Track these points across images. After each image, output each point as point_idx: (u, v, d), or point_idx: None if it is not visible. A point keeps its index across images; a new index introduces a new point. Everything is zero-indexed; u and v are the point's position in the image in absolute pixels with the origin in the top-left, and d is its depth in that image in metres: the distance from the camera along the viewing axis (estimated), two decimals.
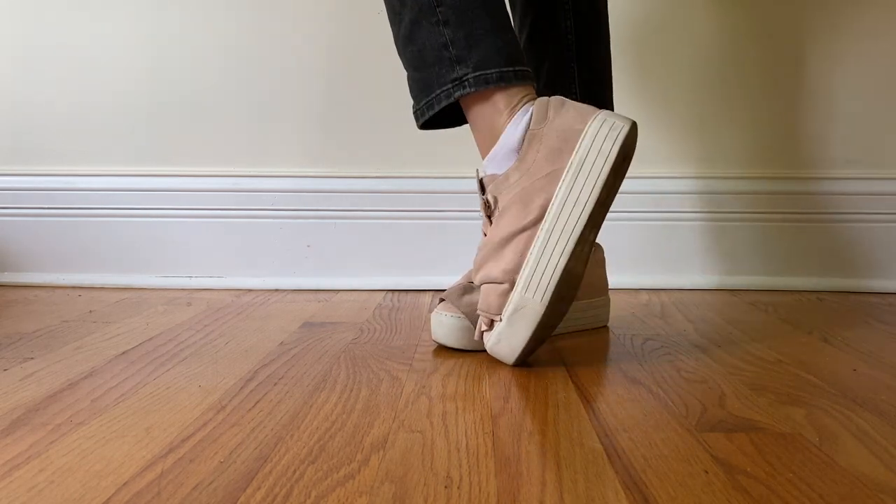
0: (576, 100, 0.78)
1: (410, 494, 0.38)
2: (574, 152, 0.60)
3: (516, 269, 0.60)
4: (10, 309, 0.90)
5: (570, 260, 0.59)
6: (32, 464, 0.42)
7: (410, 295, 1.03)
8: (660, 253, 1.07)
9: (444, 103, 0.65)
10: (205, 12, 1.07)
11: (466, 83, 0.64)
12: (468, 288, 0.71)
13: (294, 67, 1.08)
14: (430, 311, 0.89)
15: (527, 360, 0.64)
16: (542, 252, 0.59)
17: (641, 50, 1.07)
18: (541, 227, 0.60)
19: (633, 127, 0.60)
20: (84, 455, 0.43)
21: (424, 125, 0.69)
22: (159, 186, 1.08)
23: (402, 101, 1.08)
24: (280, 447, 0.45)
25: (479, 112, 0.65)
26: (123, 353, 0.68)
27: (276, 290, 1.06)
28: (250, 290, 1.05)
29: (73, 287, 1.08)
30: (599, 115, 0.60)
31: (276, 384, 0.58)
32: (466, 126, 1.03)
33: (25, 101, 1.09)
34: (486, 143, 0.66)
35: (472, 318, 0.68)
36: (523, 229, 0.60)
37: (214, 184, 1.08)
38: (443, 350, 0.70)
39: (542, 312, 0.59)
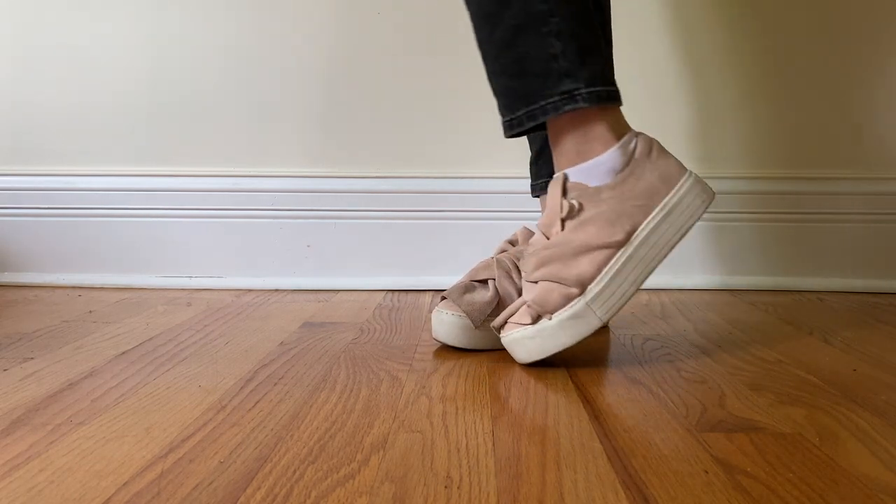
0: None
1: (410, 494, 0.38)
2: (669, 195, 0.64)
3: (590, 280, 0.62)
4: (10, 309, 0.90)
5: (637, 288, 0.63)
6: (32, 464, 0.42)
7: (410, 295, 1.03)
8: None
9: (549, 115, 0.64)
10: (205, 12, 1.07)
11: (579, 98, 0.63)
12: (470, 286, 0.71)
13: (294, 67, 1.08)
14: (431, 311, 0.89)
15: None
16: (618, 274, 0.62)
17: (641, 49, 1.07)
18: (623, 251, 0.63)
19: (714, 197, 0.67)
20: (84, 455, 0.43)
21: (514, 136, 0.69)
22: (159, 186, 1.08)
23: (402, 101, 1.09)
24: (280, 447, 0.45)
25: (575, 128, 0.65)
26: (123, 353, 0.68)
27: (276, 290, 1.06)
28: (250, 290, 1.05)
29: (73, 287, 1.08)
30: (694, 174, 0.66)
31: (276, 384, 0.58)
32: (466, 127, 1.04)
33: (25, 101, 1.09)
34: (575, 155, 0.65)
35: (473, 317, 0.68)
36: (605, 246, 0.62)
37: (214, 184, 1.08)
38: (443, 350, 0.70)
39: (596, 327, 0.62)
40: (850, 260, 1.07)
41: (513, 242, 0.77)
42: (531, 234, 0.77)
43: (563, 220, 0.64)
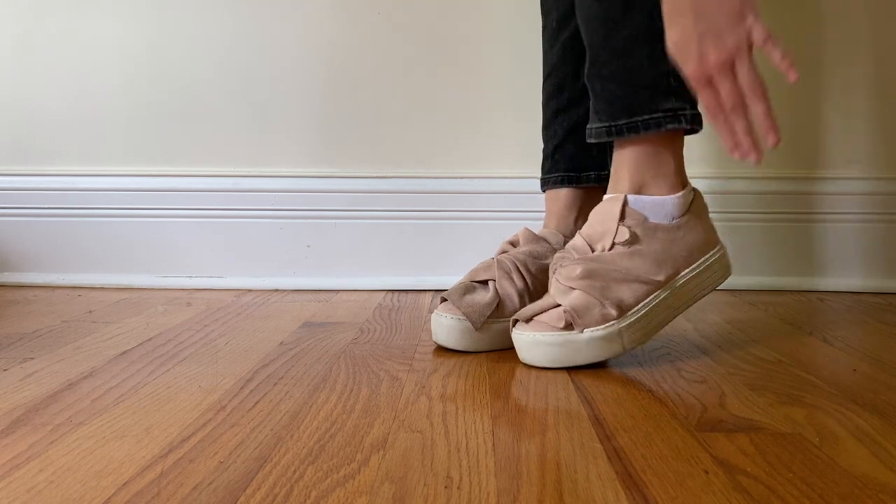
0: None
1: (410, 494, 0.38)
2: (706, 256, 0.68)
3: (629, 308, 0.64)
4: (10, 309, 0.90)
5: (658, 329, 0.66)
6: (32, 464, 0.42)
7: (410, 295, 1.03)
8: None
9: (651, 131, 0.65)
10: (204, 12, 1.07)
11: (682, 118, 0.65)
12: (470, 287, 0.71)
13: (294, 67, 1.08)
14: (431, 311, 0.89)
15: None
16: (652, 311, 0.65)
17: None
18: (661, 292, 0.65)
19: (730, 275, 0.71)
20: (84, 455, 0.43)
21: (599, 142, 0.70)
22: (159, 186, 1.08)
23: (402, 101, 1.09)
24: (280, 447, 0.45)
25: (656, 156, 0.67)
26: (123, 353, 0.68)
27: (276, 290, 1.06)
28: (250, 290, 1.05)
29: (73, 287, 1.08)
30: (724, 248, 0.70)
31: (276, 384, 0.58)
32: (466, 127, 1.03)
33: (25, 101, 1.09)
34: (640, 183, 0.67)
35: (473, 319, 0.67)
36: (647, 283, 0.64)
37: (214, 184, 1.08)
38: (443, 350, 0.70)
39: (617, 353, 0.64)
40: (850, 260, 1.07)
41: (513, 243, 0.77)
42: (532, 235, 0.77)
43: (614, 243, 0.65)
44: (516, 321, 0.66)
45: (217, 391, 0.56)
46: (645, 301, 0.64)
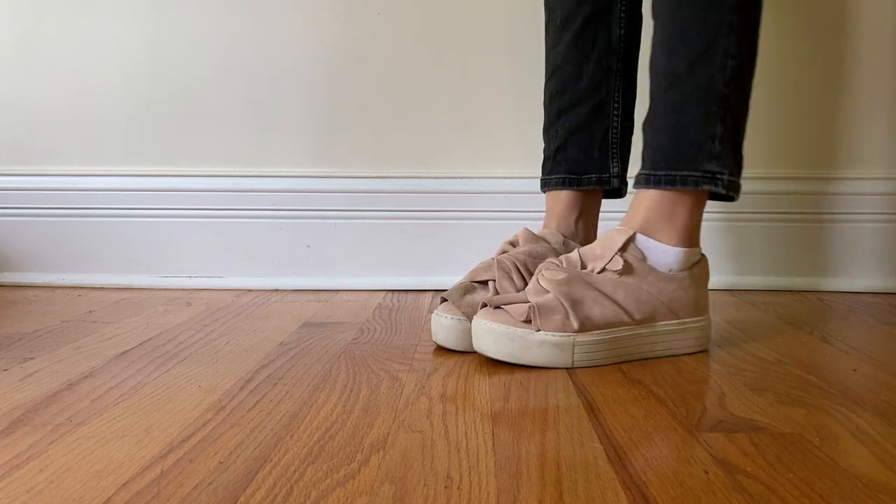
0: (617, 112, 0.82)
1: (410, 494, 0.38)
2: (689, 320, 0.68)
3: (593, 327, 0.64)
4: (10, 309, 0.90)
5: (611, 363, 0.65)
6: (32, 464, 0.42)
7: (410, 295, 1.03)
8: None
9: (688, 187, 0.67)
10: (204, 12, 1.07)
11: (720, 182, 0.68)
12: (470, 287, 0.71)
13: (294, 68, 1.08)
14: (431, 311, 0.89)
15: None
16: (614, 342, 0.65)
17: (645, 50, 1.07)
18: (632, 329, 0.66)
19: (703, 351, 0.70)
20: (84, 455, 0.43)
21: (621, 186, 0.76)
22: (159, 186, 1.08)
23: (403, 101, 1.09)
24: (280, 447, 0.45)
25: (682, 207, 0.68)
26: (123, 353, 0.68)
27: (276, 290, 1.06)
28: (250, 290, 1.05)
29: (73, 287, 1.08)
30: (708, 321, 0.71)
31: (276, 384, 0.58)
32: (466, 128, 1.04)
33: (25, 101, 1.09)
34: (652, 224, 0.68)
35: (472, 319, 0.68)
36: (623, 313, 0.65)
37: (214, 184, 1.08)
38: (443, 350, 0.70)
39: (565, 364, 0.64)
40: (850, 260, 1.07)
41: (513, 243, 0.77)
42: (532, 235, 0.77)
43: (605, 267, 0.66)
44: (485, 305, 0.67)
45: (217, 391, 0.56)
46: (613, 329, 0.65)
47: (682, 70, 0.67)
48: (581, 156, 0.81)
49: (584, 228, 0.81)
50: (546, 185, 0.83)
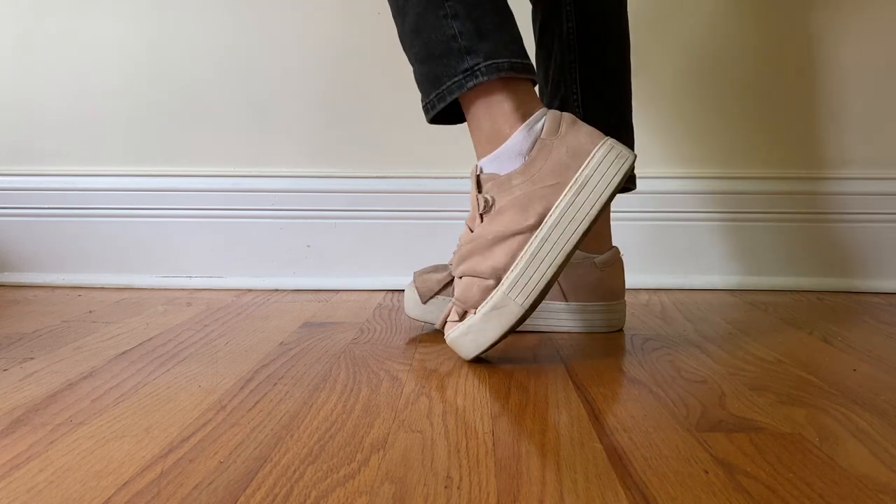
0: (577, 100, 0.79)
1: (410, 494, 0.38)
2: (580, 170, 0.62)
3: (505, 269, 0.62)
4: (10, 309, 0.90)
5: (557, 270, 0.61)
6: (32, 464, 0.42)
7: None
8: (660, 253, 1.08)
9: (455, 94, 0.64)
10: (205, 12, 1.07)
11: (478, 72, 0.63)
12: (439, 268, 0.78)
13: (294, 67, 1.08)
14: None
15: (482, 358, 0.65)
16: (534, 258, 0.61)
17: (646, 50, 1.07)
18: (536, 234, 0.62)
19: (634, 159, 0.63)
20: (84, 455, 0.43)
21: (434, 119, 0.69)
22: (159, 186, 1.08)
23: (403, 100, 1.09)
24: (280, 447, 0.45)
25: (485, 109, 0.65)
26: (123, 353, 0.68)
27: (276, 290, 1.06)
28: (250, 290, 1.05)
29: (73, 287, 1.08)
30: (608, 142, 0.63)
31: (276, 384, 0.58)
32: (466, 127, 1.04)
33: (25, 101, 1.09)
34: (486, 142, 0.65)
35: (421, 293, 0.76)
36: (518, 232, 0.62)
37: (214, 184, 1.08)
38: (443, 350, 0.70)
39: (519, 315, 0.62)
40: (850, 260, 1.07)
41: None
42: None
43: (481, 215, 0.65)
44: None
45: (217, 391, 0.56)
46: (521, 253, 0.62)
47: (390, 4, 0.68)
48: None
49: None
50: None
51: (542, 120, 0.64)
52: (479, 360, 0.66)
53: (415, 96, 1.09)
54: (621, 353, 0.69)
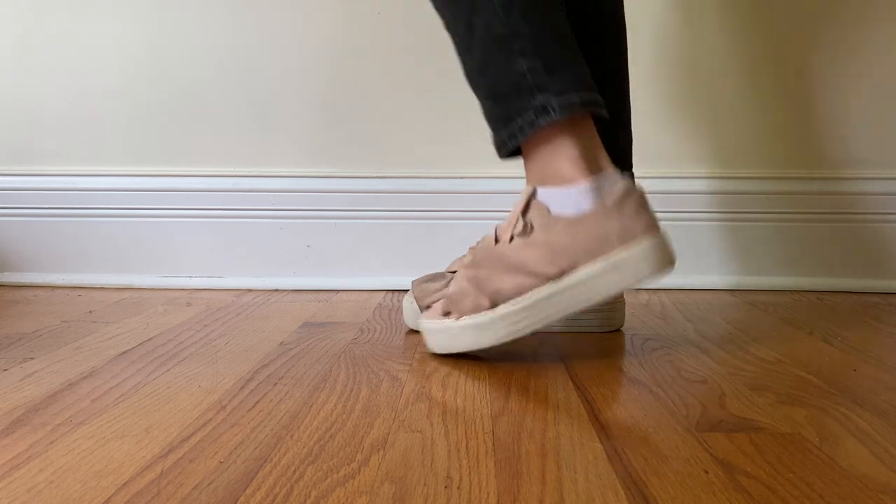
0: None
1: (410, 494, 0.38)
2: (621, 251, 0.60)
3: (505, 299, 0.63)
4: (10, 309, 0.90)
5: (548, 325, 0.62)
6: (32, 464, 0.42)
7: None
8: None
9: (527, 133, 0.63)
10: (204, 12, 1.07)
11: (550, 110, 0.62)
12: (437, 276, 0.75)
13: (294, 67, 1.08)
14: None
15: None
16: (535, 306, 0.62)
17: (645, 50, 1.07)
18: (550, 285, 0.61)
19: (673, 266, 0.62)
20: (84, 455, 0.43)
21: (507, 156, 0.68)
22: (159, 186, 1.08)
23: (403, 100, 1.09)
24: (280, 447, 0.45)
25: (552, 148, 0.63)
26: (123, 353, 0.68)
27: (276, 290, 1.06)
28: (250, 290, 1.05)
29: (73, 287, 1.08)
30: (659, 239, 0.61)
31: (276, 384, 0.58)
32: (465, 127, 1.04)
33: (25, 101, 1.09)
34: (545, 176, 0.64)
35: (420, 303, 0.73)
36: (535, 274, 0.62)
37: (214, 184, 1.08)
38: None
39: (494, 342, 0.63)
40: (850, 260, 1.07)
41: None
42: None
43: (513, 235, 0.64)
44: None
45: (217, 391, 0.56)
46: (528, 294, 0.62)
47: (467, 38, 0.64)
48: None
49: None
50: None
51: (614, 186, 0.62)
52: (478, 360, 0.66)
53: (415, 96, 1.10)
54: (621, 353, 0.69)
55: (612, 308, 0.78)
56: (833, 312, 0.90)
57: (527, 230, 0.63)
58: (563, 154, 0.63)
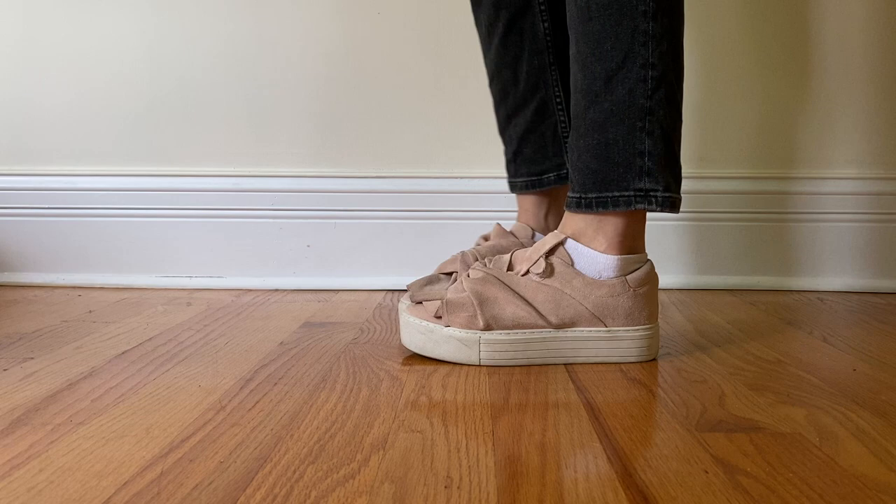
0: (560, 102, 0.81)
1: (410, 494, 0.38)
2: (619, 328, 0.64)
3: (500, 327, 0.64)
4: (10, 309, 0.90)
5: (528, 365, 0.64)
6: (32, 464, 0.42)
7: None
8: (659, 252, 1.07)
9: (620, 208, 0.63)
10: (204, 12, 1.07)
11: (653, 200, 0.63)
12: (434, 279, 0.75)
13: (294, 67, 1.08)
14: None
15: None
16: (525, 345, 0.64)
17: None
18: (547, 331, 0.64)
19: (655, 357, 0.67)
20: (84, 455, 0.43)
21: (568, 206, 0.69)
22: (159, 186, 1.08)
23: (403, 101, 1.09)
24: (280, 447, 0.45)
25: (601, 220, 0.64)
26: (123, 353, 0.68)
27: (276, 290, 1.06)
28: (250, 290, 1.05)
29: (73, 287, 1.08)
30: (655, 330, 0.66)
31: (276, 384, 0.58)
32: (466, 128, 1.04)
33: (25, 100, 1.09)
34: (581, 231, 0.65)
35: (413, 299, 0.71)
36: (538, 315, 0.64)
37: (214, 184, 1.08)
38: None
39: (467, 360, 0.64)
40: (850, 260, 1.07)
41: (486, 238, 0.82)
42: (502, 230, 0.83)
43: (529, 270, 0.65)
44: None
45: (217, 391, 0.56)
46: (522, 332, 0.64)
47: (600, 86, 0.63)
48: (538, 156, 0.83)
49: (556, 221, 0.84)
50: (513, 188, 0.87)
51: (640, 266, 0.65)
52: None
53: (415, 97, 1.10)
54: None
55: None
56: (833, 312, 0.90)
57: (545, 272, 0.65)
58: (610, 227, 0.65)
